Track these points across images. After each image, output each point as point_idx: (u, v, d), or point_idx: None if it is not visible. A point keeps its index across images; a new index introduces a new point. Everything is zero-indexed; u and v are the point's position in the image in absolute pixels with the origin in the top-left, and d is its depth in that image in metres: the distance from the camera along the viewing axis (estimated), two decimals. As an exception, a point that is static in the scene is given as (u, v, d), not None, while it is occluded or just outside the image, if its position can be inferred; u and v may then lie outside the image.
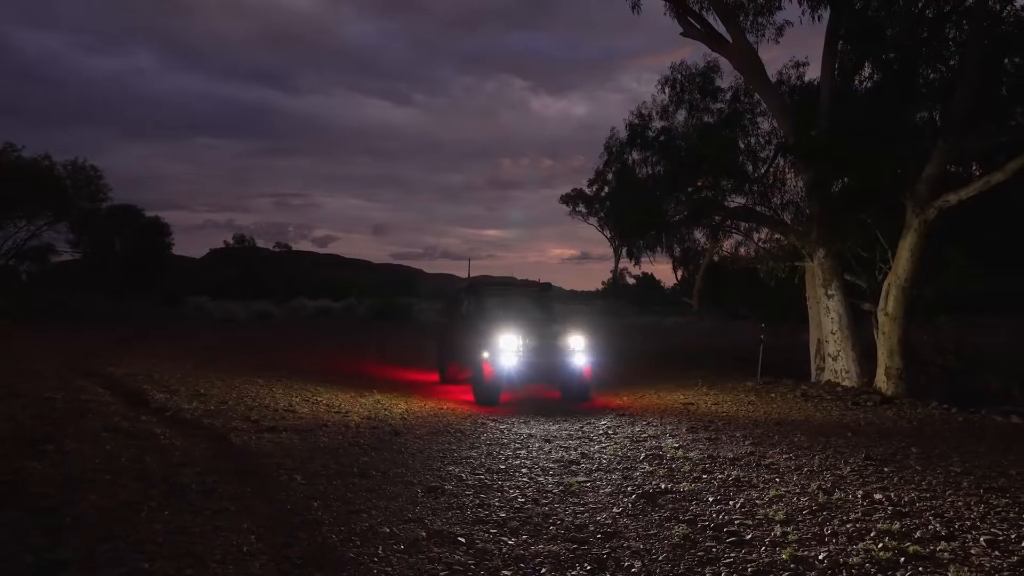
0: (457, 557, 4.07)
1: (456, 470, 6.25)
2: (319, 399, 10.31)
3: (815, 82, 13.24)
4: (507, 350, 10.44)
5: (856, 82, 12.71)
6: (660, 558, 4.11)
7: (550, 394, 11.61)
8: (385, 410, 9.67)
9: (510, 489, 5.63)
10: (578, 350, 10.88)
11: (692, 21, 12.80)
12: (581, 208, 42.53)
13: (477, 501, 5.26)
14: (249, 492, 5.29)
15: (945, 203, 10.72)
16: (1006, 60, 11.03)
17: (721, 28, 12.52)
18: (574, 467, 6.50)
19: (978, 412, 9.41)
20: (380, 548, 4.18)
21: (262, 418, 8.40)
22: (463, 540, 4.36)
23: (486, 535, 4.48)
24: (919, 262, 11.05)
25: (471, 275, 15.36)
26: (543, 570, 3.90)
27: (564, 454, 7.09)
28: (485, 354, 10.48)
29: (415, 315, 36.14)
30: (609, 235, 21.98)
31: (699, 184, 15.32)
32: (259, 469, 6.03)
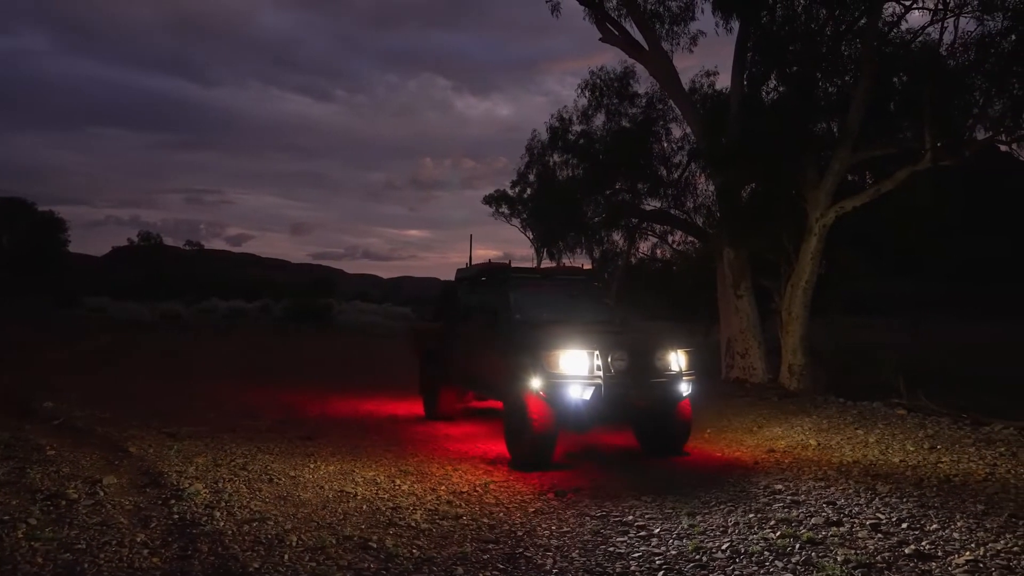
0: None
1: None
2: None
3: (726, 91, 13.79)
4: (577, 375, 6.26)
5: (763, 93, 13.32)
6: None
7: (607, 439, 7.70)
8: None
9: None
10: (681, 374, 6.77)
11: (610, 27, 13.08)
12: (504, 209, 42.60)
13: None
14: (145, 504, 5.00)
15: (841, 209, 11.39)
16: (894, 78, 11.83)
17: (638, 35, 12.86)
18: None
19: (870, 404, 10.03)
20: (286, 555, 4.02)
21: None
22: None
23: None
24: (819, 264, 11.69)
25: (472, 260, 10.13)
26: None
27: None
28: (536, 383, 6.28)
29: (335, 317, 35.29)
30: (531, 236, 22.10)
31: (617, 187, 15.70)
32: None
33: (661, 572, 3.88)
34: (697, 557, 4.11)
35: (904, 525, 4.72)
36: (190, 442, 7.14)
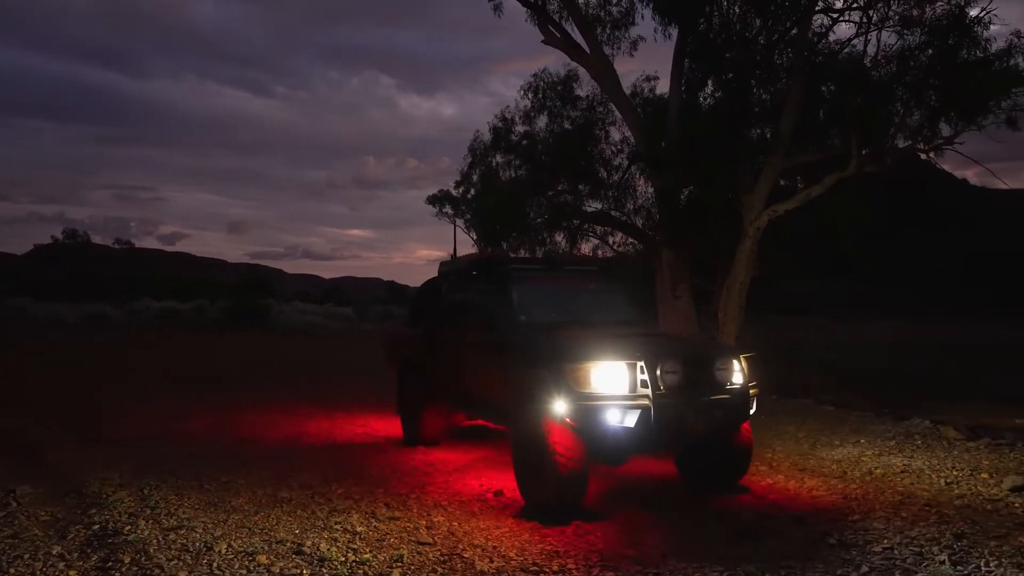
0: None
1: None
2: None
3: (666, 96, 14.07)
4: (616, 395, 4.78)
5: (701, 98, 13.65)
6: None
7: (638, 465, 6.13)
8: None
9: None
10: (747, 387, 5.31)
11: (552, 30, 13.16)
12: (448, 209, 42.52)
13: None
14: (63, 515, 4.75)
15: (774, 213, 11.78)
16: (824, 87, 12.31)
17: (580, 38, 12.96)
18: None
19: (803, 401, 10.43)
20: (215, 564, 3.88)
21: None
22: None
23: None
24: (753, 266, 12.06)
25: (456, 253, 9.22)
26: None
27: None
28: (560, 406, 4.80)
29: (275, 317, 34.39)
30: (475, 237, 22.11)
31: (559, 189, 15.82)
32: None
33: None
34: None
35: (828, 517, 4.91)
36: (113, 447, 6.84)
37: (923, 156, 12.93)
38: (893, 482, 5.88)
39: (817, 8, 11.38)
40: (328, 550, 4.11)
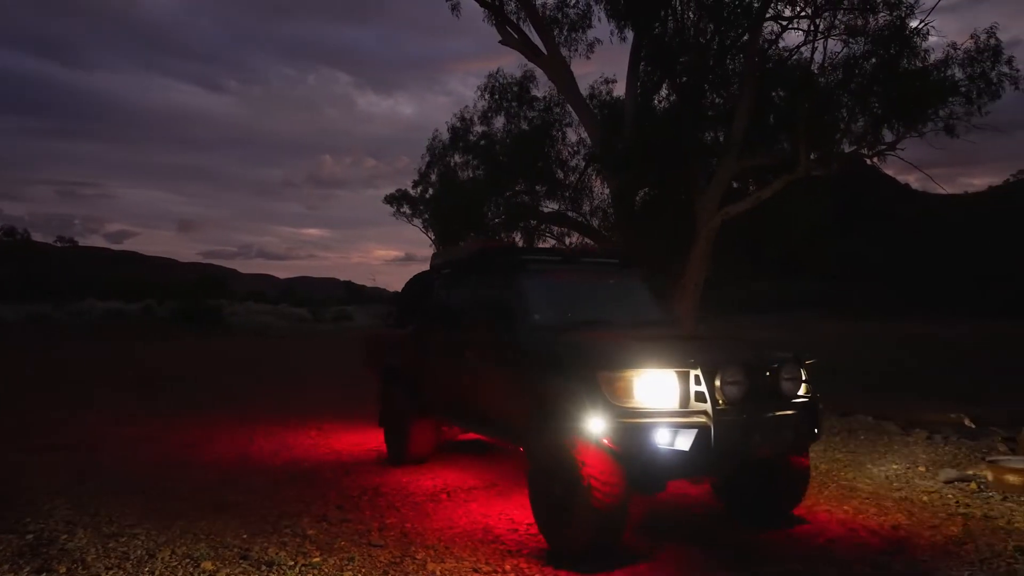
0: None
1: None
2: None
3: (623, 98, 14.24)
4: (667, 410, 3.93)
5: (657, 101, 13.85)
6: None
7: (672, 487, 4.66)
8: None
9: None
10: (816, 401, 4.46)
11: (510, 30, 13.17)
12: (405, 209, 42.17)
13: None
14: (-6, 522, 4.53)
15: (727, 214, 12.02)
16: (774, 93, 12.62)
17: (537, 39, 13.00)
18: None
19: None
20: (157, 571, 3.76)
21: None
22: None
23: None
24: (707, 267, 12.29)
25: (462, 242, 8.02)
26: None
27: None
28: (596, 425, 3.93)
29: (227, 318, 33.60)
30: (433, 237, 21.95)
31: (517, 189, 15.86)
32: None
33: None
34: None
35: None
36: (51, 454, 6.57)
37: (868, 161, 13.40)
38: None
39: (768, 16, 11.67)
40: (277, 554, 4.03)
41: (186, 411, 9.59)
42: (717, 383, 3.91)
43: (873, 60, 11.53)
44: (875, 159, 13.02)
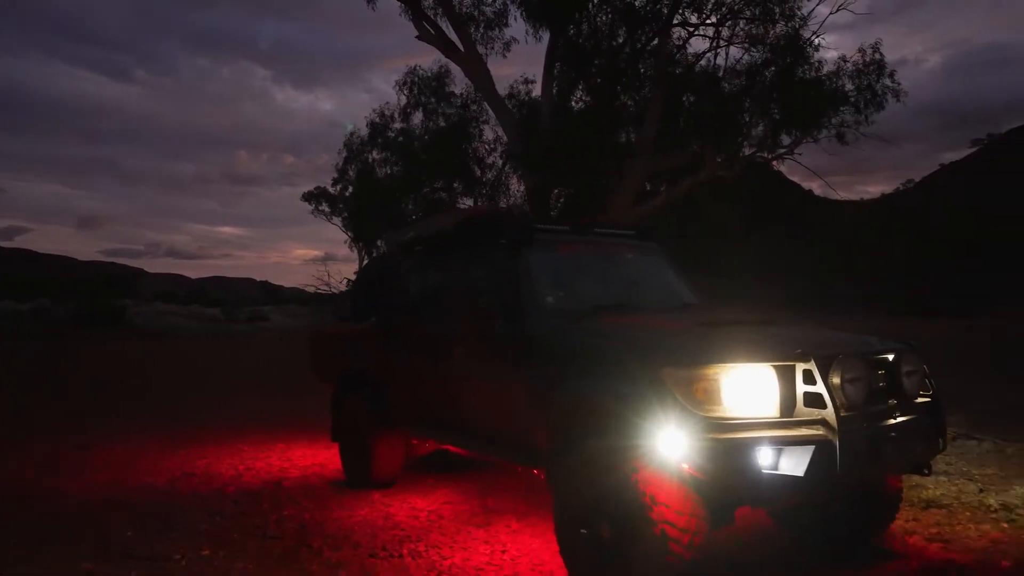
0: None
1: None
2: None
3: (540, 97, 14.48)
4: (774, 420, 2.78)
5: (573, 101, 14.17)
6: None
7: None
8: None
9: None
10: (937, 404, 3.41)
11: (427, 26, 13.15)
12: (324, 207, 41.38)
13: None
14: None
15: (639, 214, 12.44)
16: (683, 97, 13.16)
17: (454, 36, 13.05)
18: None
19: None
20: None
21: None
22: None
23: None
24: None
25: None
26: None
27: None
28: (676, 444, 2.73)
29: (132, 319, 31.82)
30: (352, 235, 21.64)
31: (435, 186, 15.87)
32: None
33: None
34: None
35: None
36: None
37: (774, 164, 14.17)
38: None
39: (675, 22, 12.16)
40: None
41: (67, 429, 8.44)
42: (836, 380, 2.86)
43: (772, 68, 12.23)
44: (776, 162, 13.77)
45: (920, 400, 3.31)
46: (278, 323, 36.07)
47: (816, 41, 11.68)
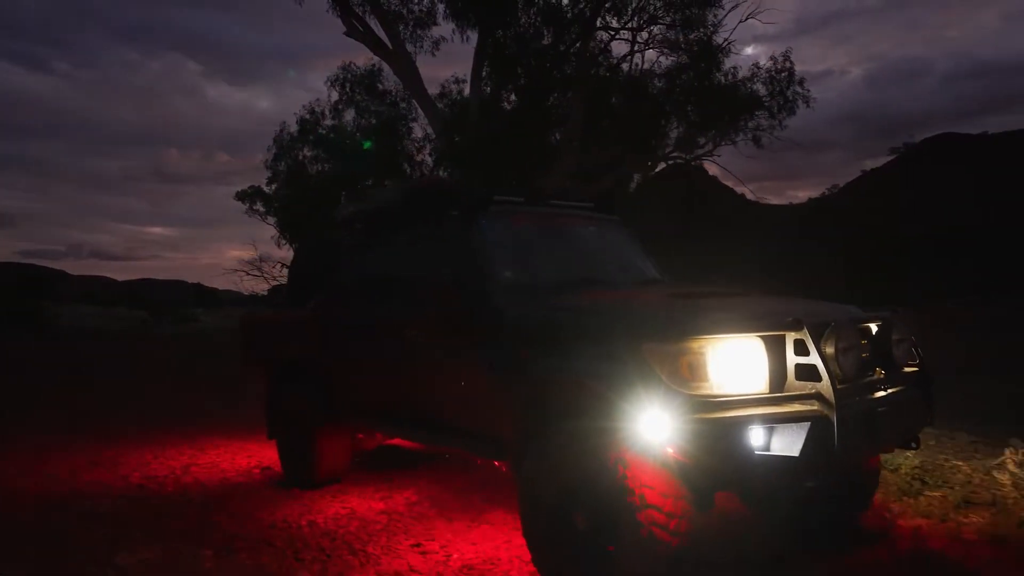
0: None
1: None
2: None
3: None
4: (766, 396, 2.55)
5: (503, 102, 14.42)
6: None
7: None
8: None
9: None
10: (926, 374, 3.24)
11: (356, 23, 13.19)
12: (259, 207, 40.54)
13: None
14: None
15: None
16: (606, 98, 13.60)
17: (382, 33, 13.13)
18: None
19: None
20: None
21: None
22: None
23: None
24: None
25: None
26: None
27: None
28: (661, 426, 2.47)
29: (51, 321, 30.40)
30: (287, 235, 21.21)
31: (368, 183, 15.86)
32: None
33: None
34: None
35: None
36: None
37: (701, 163, 14.76)
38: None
39: (598, 26, 12.58)
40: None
41: None
42: (830, 350, 2.64)
43: (691, 73, 12.80)
44: (700, 163, 14.37)
45: (908, 370, 3.14)
46: (209, 325, 35.12)
47: (728, 48, 12.29)
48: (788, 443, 2.47)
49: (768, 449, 2.47)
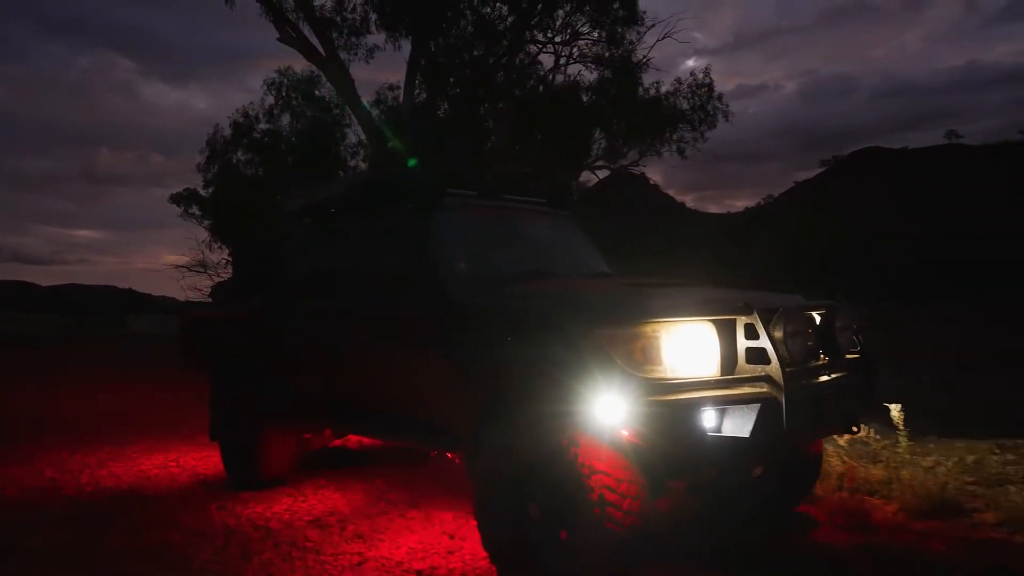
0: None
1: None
2: None
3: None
4: (717, 379, 2.61)
5: (438, 108, 14.74)
6: None
7: None
8: None
9: None
10: (867, 360, 3.36)
11: (289, 29, 13.28)
12: (195, 210, 39.71)
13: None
14: None
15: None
16: (532, 110, 14.10)
17: (316, 41, 13.26)
18: None
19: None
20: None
21: None
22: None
23: None
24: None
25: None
26: None
27: None
28: (615, 409, 2.51)
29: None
30: (212, 236, 20.89)
31: (303, 188, 15.96)
32: None
33: None
34: None
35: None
36: None
37: (639, 173, 15.40)
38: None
39: (527, 39, 13.07)
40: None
41: None
42: (779, 334, 2.73)
43: (615, 87, 13.43)
44: (637, 171, 15.00)
45: (850, 356, 3.25)
46: (140, 330, 34.12)
47: (646, 64, 12.96)
48: (739, 424, 2.53)
49: (720, 431, 2.52)
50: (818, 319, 3.10)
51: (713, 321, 2.63)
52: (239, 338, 4.92)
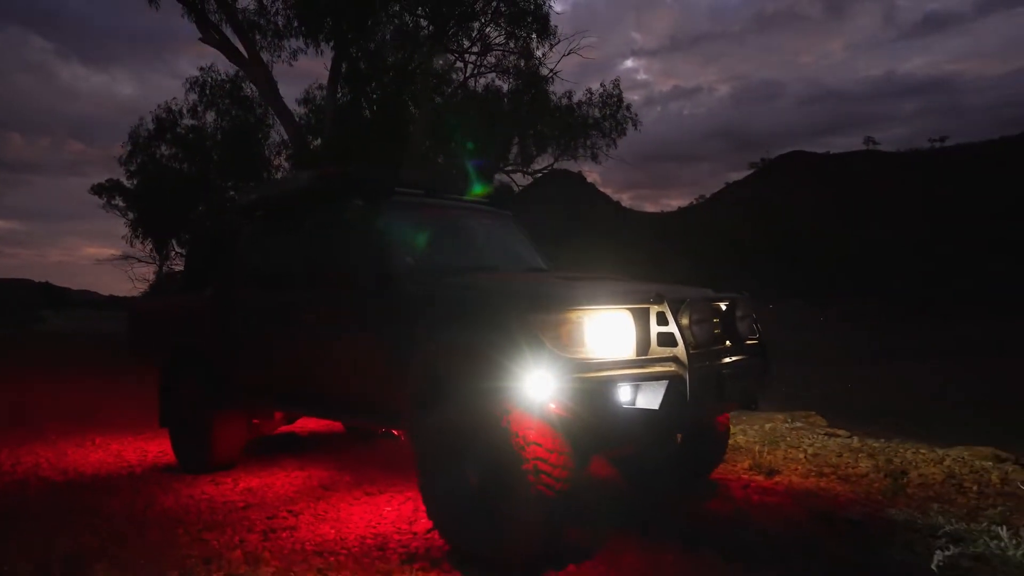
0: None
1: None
2: None
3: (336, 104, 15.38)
4: (631, 359, 3.03)
5: (362, 109, 15.23)
6: None
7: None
8: None
9: None
10: (764, 345, 3.93)
11: (212, 30, 13.52)
12: (119, 202, 38.66)
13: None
14: None
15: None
16: (448, 115, 14.79)
17: (239, 42, 13.55)
18: None
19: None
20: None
21: None
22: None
23: None
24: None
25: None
26: None
27: None
28: (545, 385, 2.87)
29: None
30: (133, 231, 20.57)
31: (228, 184, 16.19)
32: None
33: None
34: None
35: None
36: None
37: (577, 172, 16.20)
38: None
39: (444, 49, 13.74)
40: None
41: None
42: (685, 321, 3.15)
43: (529, 96, 14.27)
44: (543, 172, 15.86)
45: (750, 342, 3.67)
46: (57, 327, 33.09)
47: (554, 77, 13.84)
48: (650, 398, 2.88)
49: (634, 404, 2.87)
50: (723, 309, 3.54)
51: (630, 309, 3.02)
52: (191, 328, 5.15)
